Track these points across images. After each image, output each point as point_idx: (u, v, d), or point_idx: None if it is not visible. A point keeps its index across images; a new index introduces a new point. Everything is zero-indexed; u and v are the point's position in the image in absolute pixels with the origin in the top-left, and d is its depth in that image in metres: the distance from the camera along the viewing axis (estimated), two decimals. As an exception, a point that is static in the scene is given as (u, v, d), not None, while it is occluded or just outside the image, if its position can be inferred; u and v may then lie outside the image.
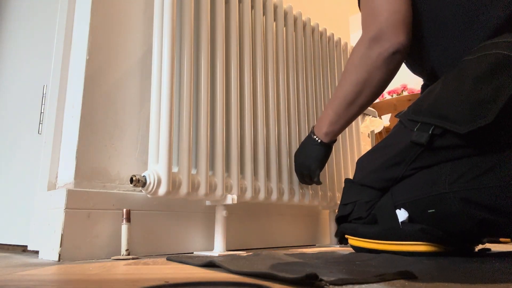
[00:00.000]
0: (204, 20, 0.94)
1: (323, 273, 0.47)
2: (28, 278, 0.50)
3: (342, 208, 0.88)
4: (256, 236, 1.13)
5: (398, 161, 0.79)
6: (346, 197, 0.89)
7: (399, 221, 0.76)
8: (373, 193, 0.84)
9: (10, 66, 1.25)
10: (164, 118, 0.82)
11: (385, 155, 0.82)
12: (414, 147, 0.76)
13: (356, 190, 0.87)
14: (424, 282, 0.44)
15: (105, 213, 0.81)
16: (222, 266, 0.56)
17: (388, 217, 0.78)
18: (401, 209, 0.77)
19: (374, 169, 0.84)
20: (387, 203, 0.79)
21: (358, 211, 0.84)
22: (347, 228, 0.86)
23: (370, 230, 0.81)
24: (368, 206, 0.83)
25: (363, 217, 0.83)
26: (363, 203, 0.84)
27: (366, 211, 0.83)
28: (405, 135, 0.78)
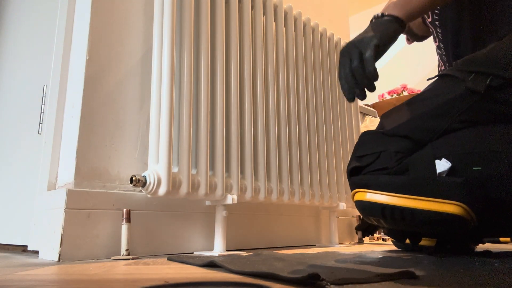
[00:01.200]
0: (204, 20, 0.94)
1: (324, 273, 0.47)
2: (28, 278, 0.50)
3: (356, 160, 0.77)
4: (256, 236, 1.13)
5: (445, 111, 0.71)
6: (364, 148, 0.77)
7: (437, 172, 0.67)
8: (407, 143, 0.72)
9: (10, 66, 1.25)
10: (164, 118, 0.82)
11: (428, 105, 0.73)
12: (467, 97, 0.68)
13: (381, 140, 0.75)
14: (425, 282, 0.44)
15: (105, 213, 0.81)
16: (224, 266, 0.56)
17: (423, 166, 0.68)
18: (442, 159, 0.67)
19: (411, 118, 0.74)
20: (426, 153, 0.70)
21: (383, 161, 0.72)
22: (361, 180, 0.73)
23: (394, 180, 0.70)
24: (398, 157, 0.72)
25: (389, 167, 0.71)
26: (391, 153, 0.72)
27: (396, 161, 0.71)
28: (455, 85, 0.70)
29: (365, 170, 0.74)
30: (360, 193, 0.73)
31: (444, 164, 0.66)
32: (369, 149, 0.76)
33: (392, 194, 0.69)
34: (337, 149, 1.32)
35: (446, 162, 0.66)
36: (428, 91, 0.77)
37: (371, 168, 0.73)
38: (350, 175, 0.77)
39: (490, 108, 0.68)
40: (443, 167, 0.66)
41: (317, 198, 1.18)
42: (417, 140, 0.72)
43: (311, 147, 1.21)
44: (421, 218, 0.66)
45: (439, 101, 0.72)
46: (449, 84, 0.73)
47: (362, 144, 0.78)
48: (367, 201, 0.71)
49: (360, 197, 0.73)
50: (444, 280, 0.45)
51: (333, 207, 1.28)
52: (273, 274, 0.46)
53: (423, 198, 0.66)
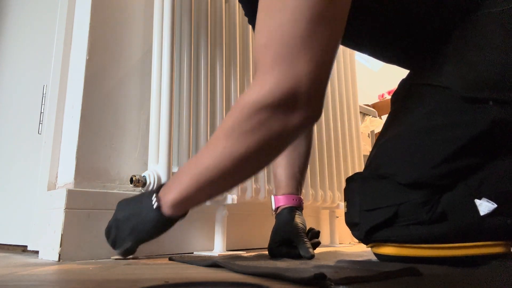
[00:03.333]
0: (204, 19, 0.94)
1: (328, 273, 0.47)
2: (28, 278, 0.50)
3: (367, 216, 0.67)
4: (256, 236, 1.13)
5: (474, 146, 0.61)
6: (372, 200, 0.67)
7: (480, 214, 0.60)
8: (430, 191, 0.63)
9: (10, 66, 1.25)
10: (164, 118, 0.82)
11: (452, 140, 0.62)
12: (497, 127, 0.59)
13: (395, 190, 0.65)
14: (429, 279, 0.44)
15: (105, 213, 0.81)
16: (226, 266, 0.56)
17: (464, 211, 0.61)
18: (482, 199, 0.60)
19: (436, 163, 0.63)
20: (463, 195, 0.62)
21: (410, 214, 0.63)
22: (390, 236, 0.64)
23: (432, 230, 0.62)
24: (428, 207, 0.63)
25: (422, 219, 0.63)
26: (417, 205, 0.63)
27: (426, 213, 0.62)
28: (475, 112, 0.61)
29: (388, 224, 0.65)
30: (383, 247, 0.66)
31: (488, 205, 0.60)
32: (379, 201, 0.66)
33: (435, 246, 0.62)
34: (337, 149, 1.32)
35: (488, 202, 0.60)
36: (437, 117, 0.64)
37: (399, 223, 0.64)
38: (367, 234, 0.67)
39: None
40: (486, 208, 0.60)
41: (317, 198, 1.18)
42: (446, 185, 0.63)
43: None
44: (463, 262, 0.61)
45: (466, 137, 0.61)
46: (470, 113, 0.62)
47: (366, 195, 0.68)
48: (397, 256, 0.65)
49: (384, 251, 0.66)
50: (449, 277, 0.45)
51: (333, 207, 1.28)
52: (278, 274, 0.45)
53: (470, 244, 0.61)
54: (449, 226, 0.61)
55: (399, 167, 0.65)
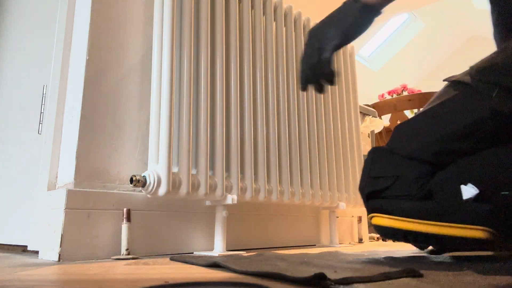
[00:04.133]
0: (204, 20, 0.94)
1: (327, 273, 0.47)
2: (28, 278, 0.50)
3: (371, 181, 0.73)
4: (256, 236, 1.13)
5: (471, 132, 0.66)
6: (378, 169, 0.73)
7: (463, 198, 0.64)
8: (425, 168, 0.69)
9: (10, 66, 1.25)
10: (164, 118, 0.82)
11: (449, 125, 0.68)
12: (493, 118, 0.64)
13: (397, 162, 0.72)
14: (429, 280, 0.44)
15: (105, 213, 0.81)
16: (227, 266, 0.56)
17: (449, 192, 0.65)
18: (468, 185, 0.64)
19: (433, 140, 0.69)
20: (451, 177, 0.67)
21: (403, 187, 0.69)
22: (382, 205, 0.70)
23: (418, 206, 0.67)
24: (420, 183, 0.69)
25: (411, 194, 0.68)
26: (411, 179, 0.69)
27: (418, 188, 0.68)
28: (479, 102, 0.65)
29: (384, 193, 0.71)
30: (379, 218, 0.71)
31: (471, 191, 0.64)
32: (384, 171, 0.72)
33: (415, 221, 0.67)
34: (337, 149, 1.32)
35: (472, 188, 0.64)
36: (447, 104, 0.71)
37: (390, 193, 0.70)
38: (367, 198, 0.74)
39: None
40: (469, 193, 0.64)
41: (317, 198, 1.18)
42: (437, 163, 0.69)
43: (311, 147, 1.21)
44: (445, 242, 0.66)
45: (463, 122, 0.67)
46: (472, 100, 0.67)
47: (376, 163, 0.74)
48: (389, 227, 0.69)
49: (380, 222, 0.71)
50: (448, 278, 0.45)
51: (333, 207, 1.28)
52: (278, 274, 0.46)
53: (448, 225, 0.65)
54: (434, 205, 0.66)
55: (404, 141, 0.73)
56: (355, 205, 1.36)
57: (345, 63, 1.46)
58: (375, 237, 1.68)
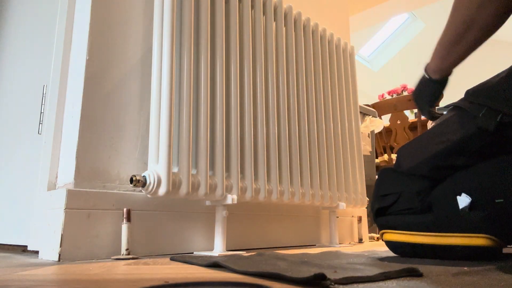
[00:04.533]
0: (204, 20, 0.94)
1: (328, 273, 0.47)
2: (28, 278, 0.50)
3: (379, 199, 0.80)
4: (256, 236, 1.13)
5: (461, 148, 0.73)
6: (385, 187, 0.80)
7: (460, 207, 0.68)
8: (425, 183, 0.76)
9: (10, 66, 1.25)
10: (164, 118, 0.82)
11: (443, 142, 0.75)
12: (479, 135, 0.70)
13: (400, 180, 0.79)
14: (429, 279, 0.44)
15: (105, 213, 0.81)
16: (227, 266, 0.56)
17: (446, 204, 0.70)
18: (462, 195, 0.69)
19: (429, 157, 0.76)
20: (447, 189, 0.72)
21: (406, 201, 0.76)
22: (388, 221, 0.76)
23: (420, 220, 0.73)
24: (421, 197, 0.75)
25: (413, 207, 0.75)
26: (412, 194, 0.75)
27: (419, 201, 0.75)
28: (467, 121, 0.72)
29: (390, 210, 0.78)
30: (388, 233, 0.77)
31: (465, 199, 0.68)
32: (389, 188, 0.79)
33: (419, 233, 0.72)
34: (337, 149, 1.32)
35: (466, 197, 0.68)
36: (441, 126, 0.79)
37: (396, 208, 0.77)
38: (376, 216, 0.81)
39: (502, 144, 0.69)
40: (464, 202, 0.68)
41: (317, 198, 1.18)
42: (434, 178, 0.76)
43: (311, 147, 1.21)
44: (451, 252, 0.69)
45: (453, 139, 0.74)
46: (462, 120, 0.74)
47: (383, 183, 0.82)
48: (398, 242, 0.75)
49: (389, 237, 0.77)
50: (448, 278, 0.45)
51: (333, 207, 1.28)
52: (278, 274, 0.46)
53: (450, 235, 0.68)
54: (434, 216, 0.72)
55: (405, 160, 0.80)
56: (355, 205, 1.36)
57: (345, 63, 1.46)
58: (375, 237, 1.68)
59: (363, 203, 1.40)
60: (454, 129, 0.75)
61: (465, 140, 0.72)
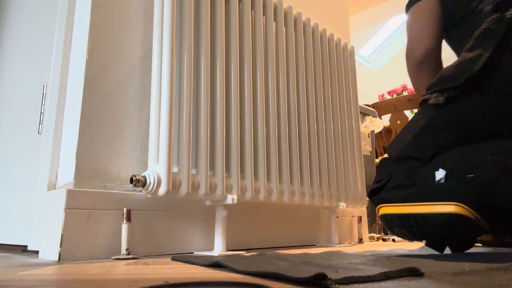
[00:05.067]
0: (204, 20, 0.94)
1: (329, 273, 0.47)
2: (28, 278, 0.50)
3: (375, 182, 0.91)
4: (256, 236, 1.13)
5: (430, 127, 0.86)
6: (380, 173, 0.92)
7: (436, 179, 0.78)
8: (411, 162, 0.86)
9: (10, 66, 1.25)
10: (164, 118, 0.82)
11: (416, 127, 0.89)
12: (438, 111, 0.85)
13: (391, 165, 0.90)
14: (430, 279, 0.44)
15: (105, 213, 0.81)
16: (228, 266, 0.56)
17: (426, 178, 0.80)
18: (439, 169, 0.78)
19: (408, 142, 0.89)
20: (429, 168, 0.82)
21: (395, 180, 0.86)
22: (380, 198, 0.87)
23: (404, 192, 0.82)
24: (407, 174, 0.85)
25: (402, 183, 0.84)
26: (400, 173, 0.86)
27: (406, 178, 0.85)
28: (427, 106, 0.88)
29: (383, 189, 0.88)
30: (382, 207, 0.85)
31: (441, 173, 0.78)
32: (383, 174, 0.90)
33: (404, 204, 0.81)
34: (337, 149, 1.32)
35: (442, 171, 0.78)
36: (413, 118, 0.94)
37: (388, 187, 0.87)
38: (371, 195, 0.90)
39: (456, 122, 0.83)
40: (439, 175, 0.78)
41: (317, 198, 1.18)
42: (418, 157, 0.86)
43: (311, 147, 1.21)
44: (429, 221, 0.76)
45: (423, 123, 0.88)
46: (424, 108, 0.90)
47: (379, 170, 0.93)
48: (388, 214, 0.83)
49: (382, 211, 0.85)
50: (448, 278, 0.45)
51: (333, 207, 1.28)
52: (279, 274, 0.46)
53: (428, 203, 0.77)
54: (417, 189, 0.81)
55: (391, 150, 0.93)
56: (355, 205, 1.36)
57: (345, 63, 1.46)
58: (375, 237, 1.68)
59: (363, 203, 1.40)
60: (421, 117, 0.90)
61: (430, 120, 0.87)
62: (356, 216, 1.54)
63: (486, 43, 0.86)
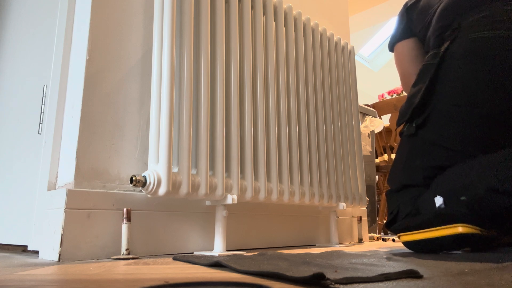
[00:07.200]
0: (204, 20, 0.94)
1: (329, 273, 0.47)
2: (28, 278, 0.50)
3: (388, 216, 1.01)
4: (255, 236, 1.13)
5: (412, 155, 0.98)
6: (389, 206, 1.02)
7: (436, 206, 0.85)
8: (411, 190, 0.96)
9: (10, 66, 1.25)
10: (164, 118, 0.82)
11: (402, 158, 1.02)
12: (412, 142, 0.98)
13: (395, 197, 1.01)
14: (429, 281, 0.44)
15: (105, 213, 0.81)
16: (229, 266, 0.56)
17: (428, 205, 0.88)
18: (437, 196, 0.87)
19: (399, 172, 1.02)
20: (428, 194, 0.90)
21: (404, 210, 0.95)
22: (397, 227, 0.94)
23: (415, 221, 0.89)
24: (412, 202, 0.94)
25: (410, 212, 0.93)
26: (405, 203, 0.95)
27: (411, 205, 0.94)
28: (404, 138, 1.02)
29: (397, 220, 0.97)
30: (402, 236, 0.93)
31: (439, 200, 0.86)
32: (392, 206, 1.01)
33: (417, 232, 0.88)
34: (337, 149, 1.32)
35: (440, 198, 0.86)
36: (398, 150, 1.06)
37: (399, 217, 0.96)
38: (388, 226, 1.00)
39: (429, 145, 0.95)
40: (438, 201, 0.86)
41: (317, 198, 1.18)
42: (413, 184, 0.97)
43: (311, 147, 1.21)
44: (443, 242, 0.82)
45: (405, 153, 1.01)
46: (403, 140, 1.04)
47: (388, 204, 1.04)
48: (407, 241, 0.91)
49: (403, 238, 0.93)
50: (448, 278, 0.45)
51: (333, 207, 1.28)
52: (278, 274, 0.46)
53: (437, 228, 0.83)
54: (423, 217, 0.88)
55: (390, 184, 1.05)
56: (355, 205, 1.36)
57: (345, 63, 1.46)
58: (375, 237, 1.68)
59: (363, 203, 1.40)
60: (403, 149, 1.03)
61: (410, 150, 0.99)
62: (356, 216, 1.54)
63: (424, 77, 1.00)
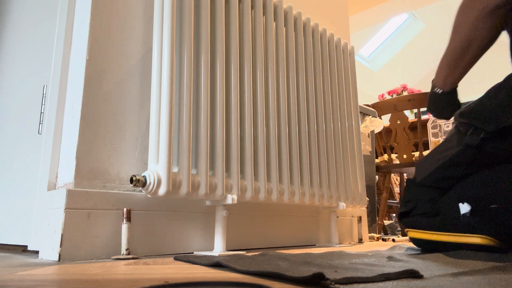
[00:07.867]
0: (204, 20, 0.94)
1: (329, 273, 0.47)
2: (28, 278, 0.50)
3: (404, 205, 0.98)
4: (255, 236, 1.13)
5: (457, 162, 0.90)
6: (407, 195, 0.99)
7: (461, 213, 0.84)
8: (434, 192, 0.94)
9: (10, 66, 1.25)
10: (164, 118, 0.82)
11: (445, 157, 0.93)
12: (468, 150, 0.88)
13: (417, 190, 0.97)
14: (429, 281, 0.44)
15: (105, 213, 0.81)
16: (229, 266, 0.56)
17: (451, 209, 0.86)
18: (464, 203, 0.84)
19: (433, 170, 0.94)
20: (451, 197, 0.87)
21: (422, 207, 0.94)
22: (409, 222, 0.95)
23: (431, 222, 0.89)
24: (432, 204, 0.93)
25: (427, 212, 0.93)
26: (426, 201, 0.94)
27: (430, 207, 0.93)
28: (461, 138, 0.90)
29: (411, 213, 0.96)
30: (411, 232, 0.94)
31: (466, 207, 0.84)
32: (410, 196, 0.98)
33: (431, 233, 0.89)
34: (337, 149, 1.32)
35: (467, 205, 0.84)
36: (444, 143, 0.97)
37: (415, 213, 0.95)
38: (401, 217, 0.99)
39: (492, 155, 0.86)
40: (465, 209, 0.84)
41: (317, 198, 1.18)
42: (440, 187, 0.93)
43: (311, 147, 1.21)
44: (456, 248, 0.82)
45: (450, 154, 0.91)
46: (458, 137, 0.91)
47: (406, 191, 1.01)
48: (418, 238, 0.92)
49: (412, 235, 0.94)
50: (448, 278, 0.45)
51: (333, 207, 1.28)
52: (278, 274, 0.46)
53: (454, 234, 0.84)
54: (441, 219, 0.88)
55: (418, 173, 0.99)
56: (355, 205, 1.36)
57: (345, 63, 1.46)
58: (375, 237, 1.68)
59: (363, 203, 1.40)
60: (452, 146, 0.92)
61: (459, 155, 0.90)
62: (356, 216, 1.54)
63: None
